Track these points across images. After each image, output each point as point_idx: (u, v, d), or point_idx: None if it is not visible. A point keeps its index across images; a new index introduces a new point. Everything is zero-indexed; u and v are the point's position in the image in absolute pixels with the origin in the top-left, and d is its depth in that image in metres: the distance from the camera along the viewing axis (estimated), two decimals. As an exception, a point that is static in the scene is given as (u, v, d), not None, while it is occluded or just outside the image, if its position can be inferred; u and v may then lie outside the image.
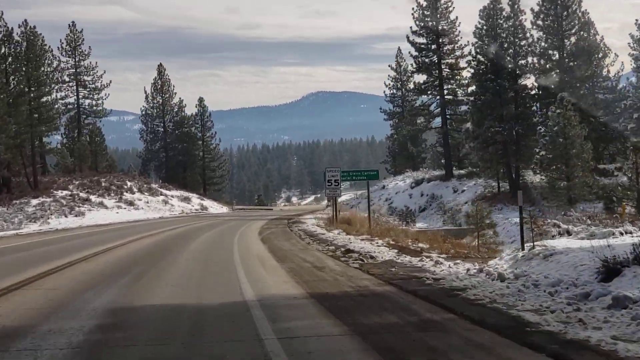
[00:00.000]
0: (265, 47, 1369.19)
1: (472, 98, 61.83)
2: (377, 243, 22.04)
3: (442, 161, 78.11)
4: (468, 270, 14.03)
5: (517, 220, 49.85)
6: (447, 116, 71.44)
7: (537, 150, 51.95)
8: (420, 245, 22.02)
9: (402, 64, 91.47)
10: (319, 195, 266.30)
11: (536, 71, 61.00)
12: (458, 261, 16.37)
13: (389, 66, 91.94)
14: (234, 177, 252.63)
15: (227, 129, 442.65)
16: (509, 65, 60.38)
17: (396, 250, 19.19)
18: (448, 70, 70.76)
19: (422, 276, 13.17)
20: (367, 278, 13.79)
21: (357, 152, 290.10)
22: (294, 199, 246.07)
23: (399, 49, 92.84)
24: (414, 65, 71.10)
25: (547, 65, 62.12)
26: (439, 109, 71.51)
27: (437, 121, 76.54)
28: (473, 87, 63.92)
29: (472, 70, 62.61)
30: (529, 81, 61.19)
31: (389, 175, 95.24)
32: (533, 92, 60.42)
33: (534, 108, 60.60)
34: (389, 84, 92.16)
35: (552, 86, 60.42)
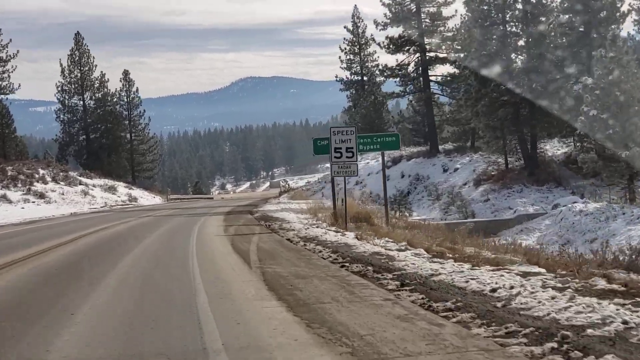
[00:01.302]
0: (192, 34, 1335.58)
1: (472, 49, 46.30)
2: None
3: (414, 137, 63.18)
4: None
5: (581, 206, 34.90)
6: (430, 78, 55.99)
7: (584, 109, 36.75)
8: None
9: (359, 24, 76.00)
10: (254, 182, 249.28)
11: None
12: None
13: (345, 27, 76.26)
14: (166, 164, 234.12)
15: (156, 116, 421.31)
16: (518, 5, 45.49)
17: None
18: (429, 21, 55.21)
19: None
20: None
21: (292, 136, 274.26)
22: (229, 187, 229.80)
23: (355, 6, 77.32)
24: (387, 15, 55.16)
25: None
26: (418, 68, 55.96)
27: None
28: (463, 38, 48.89)
29: (470, 14, 47.37)
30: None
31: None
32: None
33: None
34: (345, 48, 76.52)
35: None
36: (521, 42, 46.26)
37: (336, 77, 76.26)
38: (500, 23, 45.02)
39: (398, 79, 56.50)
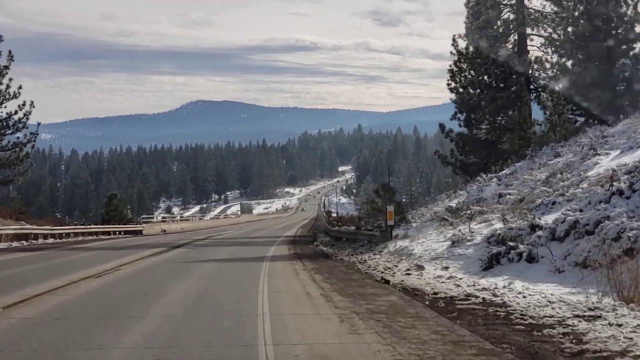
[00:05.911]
0: (141, 56, 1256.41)
1: None
2: None
3: None
4: None
5: None
6: None
7: None
8: None
9: None
10: (204, 206, 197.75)
11: None
12: None
13: None
14: (102, 183, 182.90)
15: (102, 136, 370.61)
16: None
17: None
18: None
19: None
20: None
21: (248, 158, 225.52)
22: (175, 210, 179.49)
23: None
24: None
25: None
26: None
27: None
28: None
29: None
30: None
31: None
32: None
33: None
34: None
35: None
36: None
37: None
38: None
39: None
